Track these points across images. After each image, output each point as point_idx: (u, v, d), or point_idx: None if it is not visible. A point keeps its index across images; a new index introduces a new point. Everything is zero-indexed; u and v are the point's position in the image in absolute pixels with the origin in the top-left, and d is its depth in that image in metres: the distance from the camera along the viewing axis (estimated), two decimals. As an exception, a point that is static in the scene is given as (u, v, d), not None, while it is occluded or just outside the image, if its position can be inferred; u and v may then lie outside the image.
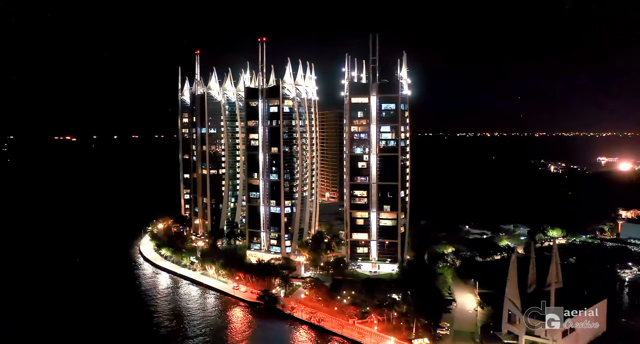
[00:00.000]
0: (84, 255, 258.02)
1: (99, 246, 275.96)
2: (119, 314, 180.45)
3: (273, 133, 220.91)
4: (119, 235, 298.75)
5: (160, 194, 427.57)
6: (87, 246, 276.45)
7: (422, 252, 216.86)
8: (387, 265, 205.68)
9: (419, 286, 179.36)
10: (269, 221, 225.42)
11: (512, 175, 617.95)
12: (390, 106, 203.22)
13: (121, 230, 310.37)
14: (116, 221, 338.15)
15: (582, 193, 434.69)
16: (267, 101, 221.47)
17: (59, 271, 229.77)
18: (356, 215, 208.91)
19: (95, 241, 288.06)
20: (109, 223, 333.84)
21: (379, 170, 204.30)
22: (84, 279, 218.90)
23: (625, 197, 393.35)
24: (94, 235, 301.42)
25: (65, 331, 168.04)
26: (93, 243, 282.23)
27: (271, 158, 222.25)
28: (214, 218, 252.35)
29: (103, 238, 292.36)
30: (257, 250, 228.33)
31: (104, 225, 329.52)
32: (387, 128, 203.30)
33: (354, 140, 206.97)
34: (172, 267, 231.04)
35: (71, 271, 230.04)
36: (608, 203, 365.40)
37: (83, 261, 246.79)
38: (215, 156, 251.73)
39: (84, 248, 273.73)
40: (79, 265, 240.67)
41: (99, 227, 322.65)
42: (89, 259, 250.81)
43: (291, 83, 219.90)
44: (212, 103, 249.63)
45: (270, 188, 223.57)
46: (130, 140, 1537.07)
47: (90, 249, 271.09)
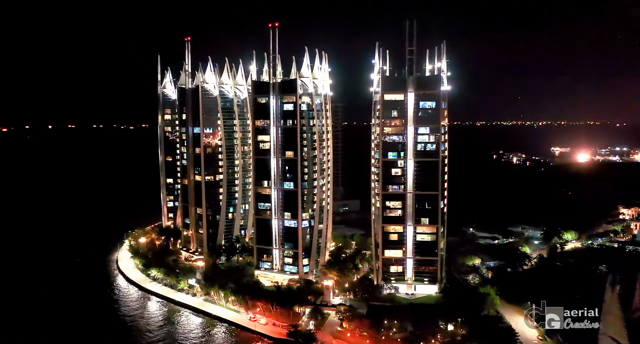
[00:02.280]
0: (47, 274, 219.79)
1: (64, 263, 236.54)
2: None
3: (288, 134, 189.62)
4: (87, 248, 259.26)
5: (132, 197, 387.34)
6: (49, 262, 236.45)
7: (449, 266, 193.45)
8: (425, 285, 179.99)
9: (470, 312, 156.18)
10: (283, 236, 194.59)
11: (479, 168, 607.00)
12: (429, 104, 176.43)
13: (88, 242, 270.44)
14: (79, 230, 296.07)
15: (568, 189, 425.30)
16: (280, 97, 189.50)
17: (16, 299, 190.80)
18: (389, 229, 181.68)
19: (58, 255, 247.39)
20: (69, 232, 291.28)
21: (416, 177, 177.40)
22: (50, 308, 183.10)
23: (613, 193, 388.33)
24: (54, 247, 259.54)
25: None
26: (55, 259, 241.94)
27: (285, 164, 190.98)
28: (210, 231, 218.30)
29: (67, 252, 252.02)
30: (268, 270, 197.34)
31: (64, 234, 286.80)
32: (426, 129, 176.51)
33: (386, 143, 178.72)
34: (164, 291, 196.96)
35: (33, 298, 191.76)
36: (601, 200, 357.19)
37: (46, 282, 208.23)
38: (211, 160, 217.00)
39: (44, 264, 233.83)
40: (40, 289, 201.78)
41: (59, 237, 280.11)
42: (54, 279, 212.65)
43: (309, 76, 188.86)
44: (207, 98, 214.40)
45: (285, 198, 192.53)
46: (67, 131, 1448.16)
47: (53, 266, 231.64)
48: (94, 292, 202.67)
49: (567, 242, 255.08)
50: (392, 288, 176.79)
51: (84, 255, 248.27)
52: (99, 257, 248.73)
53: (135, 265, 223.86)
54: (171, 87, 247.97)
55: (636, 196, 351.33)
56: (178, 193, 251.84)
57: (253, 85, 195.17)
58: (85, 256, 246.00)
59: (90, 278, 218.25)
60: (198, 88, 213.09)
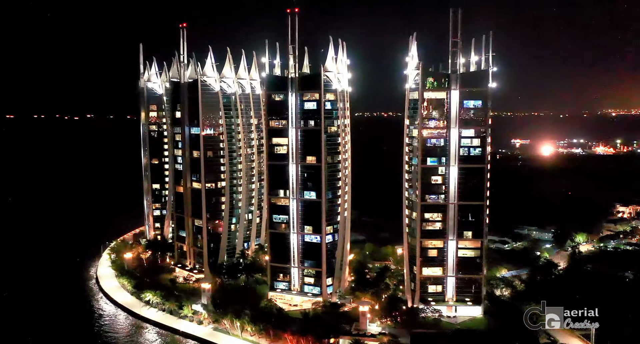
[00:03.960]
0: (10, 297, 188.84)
1: (30, 282, 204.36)
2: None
3: (309, 137, 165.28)
4: (57, 262, 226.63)
5: (105, 199, 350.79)
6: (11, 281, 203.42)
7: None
8: (467, 307, 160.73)
9: (527, 339, 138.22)
10: (303, 253, 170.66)
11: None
12: (475, 103, 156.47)
13: (57, 254, 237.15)
14: (43, 238, 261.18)
15: (546, 184, 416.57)
16: (300, 94, 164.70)
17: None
18: (427, 244, 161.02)
19: (22, 272, 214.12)
20: (30, 241, 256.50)
21: (460, 186, 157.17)
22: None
23: (598, 188, 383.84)
24: (15, 261, 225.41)
25: None
26: (18, 277, 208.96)
27: (306, 171, 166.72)
28: (211, 245, 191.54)
29: (32, 268, 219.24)
30: (285, 291, 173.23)
31: (25, 244, 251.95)
32: (471, 131, 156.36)
33: (426, 147, 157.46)
34: (163, 319, 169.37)
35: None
36: (593, 197, 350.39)
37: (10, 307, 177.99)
38: (212, 165, 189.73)
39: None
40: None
41: (18, 248, 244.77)
42: (20, 304, 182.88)
43: (333, 70, 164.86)
44: (207, 94, 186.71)
45: (305, 210, 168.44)
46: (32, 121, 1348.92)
47: (16, 286, 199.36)
48: (75, 320, 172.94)
49: (579, 245, 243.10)
50: (433, 310, 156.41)
51: (53, 271, 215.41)
52: (73, 274, 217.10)
53: (122, 286, 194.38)
54: (157, 80, 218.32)
55: (620, 191, 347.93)
56: (165, 200, 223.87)
57: (268, 80, 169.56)
58: (56, 274, 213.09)
59: (66, 302, 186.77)
60: (197, 82, 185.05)
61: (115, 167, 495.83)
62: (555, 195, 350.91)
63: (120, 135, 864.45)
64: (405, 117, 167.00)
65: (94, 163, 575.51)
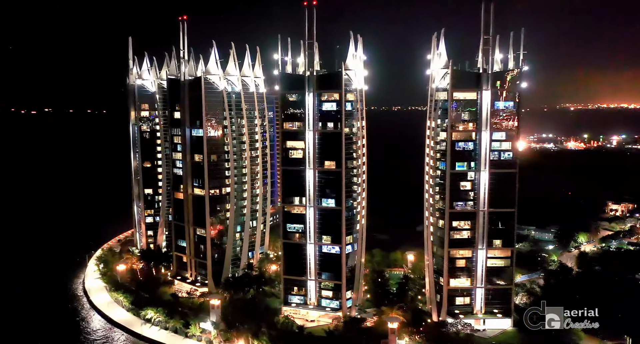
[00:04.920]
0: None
1: (11, 291, 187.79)
2: None
3: (328, 140, 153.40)
4: (36, 271, 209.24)
5: (85, 201, 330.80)
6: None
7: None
8: (496, 319, 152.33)
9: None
10: (320, 264, 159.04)
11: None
12: (505, 104, 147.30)
13: (35, 261, 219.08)
14: (18, 243, 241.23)
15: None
16: (317, 94, 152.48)
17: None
18: (455, 254, 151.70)
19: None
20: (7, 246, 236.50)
21: (490, 192, 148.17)
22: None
23: (588, 186, 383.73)
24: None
25: None
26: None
27: (324, 177, 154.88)
28: (215, 256, 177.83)
29: (11, 276, 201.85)
30: (301, 306, 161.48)
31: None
32: (501, 134, 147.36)
33: (455, 151, 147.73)
34: (168, 339, 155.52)
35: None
36: (581, 194, 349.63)
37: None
38: (217, 169, 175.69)
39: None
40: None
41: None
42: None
43: (353, 68, 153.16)
44: (211, 93, 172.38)
45: (323, 218, 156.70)
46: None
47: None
48: (65, 341, 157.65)
49: (581, 245, 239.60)
50: (462, 324, 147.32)
51: (34, 283, 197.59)
52: (57, 288, 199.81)
53: (116, 301, 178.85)
54: (150, 77, 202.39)
55: (608, 188, 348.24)
56: (159, 206, 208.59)
57: (283, 79, 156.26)
58: (37, 286, 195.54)
59: (53, 320, 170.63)
60: (200, 80, 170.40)
61: (96, 167, 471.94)
62: (547, 194, 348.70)
63: (100, 132, 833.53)
64: (428, 118, 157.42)
65: (72, 162, 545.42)
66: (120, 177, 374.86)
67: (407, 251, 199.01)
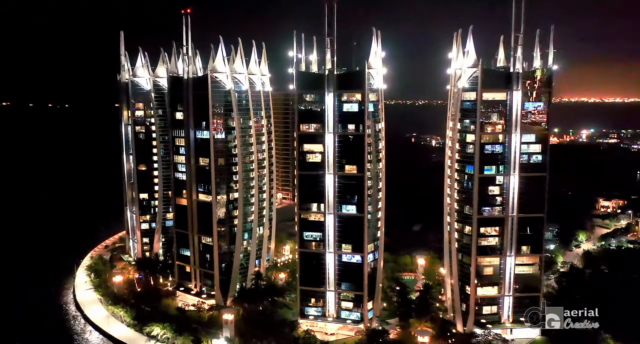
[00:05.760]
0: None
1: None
2: None
3: (349, 143, 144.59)
4: (20, 281, 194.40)
5: (68, 203, 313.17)
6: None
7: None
8: (524, 328, 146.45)
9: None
10: (340, 275, 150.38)
11: (411, 153, 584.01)
12: (536, 105, 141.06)
13: (18, 270, 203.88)
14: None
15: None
16: (337, 94, 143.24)
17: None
18: (482, 261, 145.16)
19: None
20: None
21: (520, 196, 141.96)
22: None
23: (575, 182, 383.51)
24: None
25: None
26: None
27: (345, 182, 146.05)
28: (222, 266, 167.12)
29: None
30: (319, 318, 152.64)
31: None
32: (531, 136, 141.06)
33: (484, 154, 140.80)
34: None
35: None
36: (569, 191, 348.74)
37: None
38: (223, 174, 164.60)
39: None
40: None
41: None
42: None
43: (376, 66, 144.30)
44: (218, 92, 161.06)
45: (343, 226, 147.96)
46: None
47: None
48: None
49: (581, 244, 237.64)
50: (495, 336, 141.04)
51: (20, 296, 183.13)
52: (45, 298, 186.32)
53: (114, 315, 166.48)
54: (145, 73, 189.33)
55: (595, 184, 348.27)
56: (155, 212, 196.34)
57: (300, 78, 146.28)
58: (22, 296, 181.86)
59: (46, 334, 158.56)
60: (206, 78, 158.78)
61: (77, 167, 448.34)
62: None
63: (63, 128, 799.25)
64: (451, 119, 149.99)
65: (51, 160, 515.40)
66: (102, 179, 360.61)
67: (418, 255, 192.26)
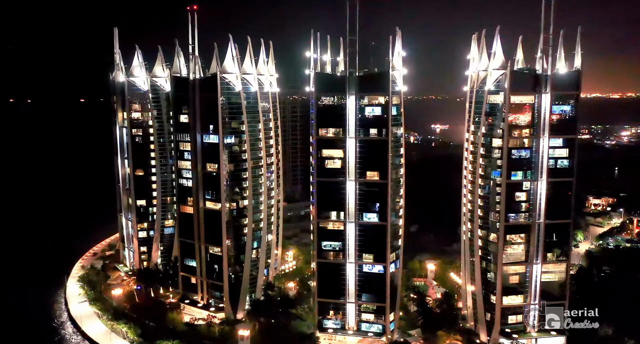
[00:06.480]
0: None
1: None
2: None
3: (372, 149, 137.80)
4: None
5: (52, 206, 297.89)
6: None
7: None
8: (549, 337, 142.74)
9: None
10: (360, 285, 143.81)
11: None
12: (564, 109, 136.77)
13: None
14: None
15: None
16: (359, 97, 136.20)
17: None
18: (508, 270, 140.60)
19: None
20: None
21: (548, 202, 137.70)
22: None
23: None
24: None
25: None
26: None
27: (366, 189, 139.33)
28: (232, 277, 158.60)
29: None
30: (338, 331, 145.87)
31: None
32: (559, 141, 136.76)
33: (511, 159, 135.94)
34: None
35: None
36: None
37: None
38: (233, 181, 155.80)
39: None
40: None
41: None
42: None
43: (399, 68, 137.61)
44: (228, 94, 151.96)
45: (364, 235, 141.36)
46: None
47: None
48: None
49: (579, 243, 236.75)
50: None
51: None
52: (36, 311, 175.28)
53: (116, 330, 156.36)
54: (142, 73, 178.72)
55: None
56: (153, 219, 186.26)
57: (318, 79, 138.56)
58: (10, 311, 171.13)
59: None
60: (215, 79, 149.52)
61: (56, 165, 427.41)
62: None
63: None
64: (473, 123, 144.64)
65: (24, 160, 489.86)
66: (85, 182, 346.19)
67: (427, 260, 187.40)
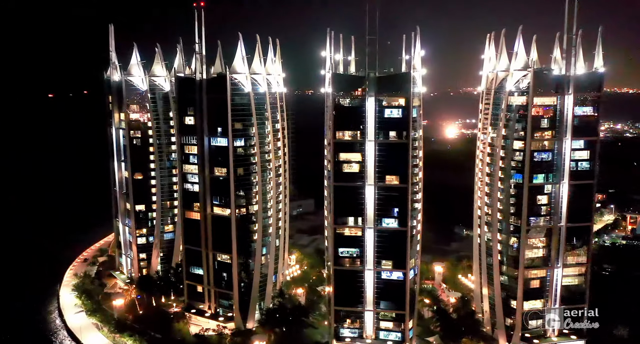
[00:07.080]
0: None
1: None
2: None
3: (391, 152, 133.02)
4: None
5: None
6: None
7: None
8: (570, 342, 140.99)
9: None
10: (378, 293, 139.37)
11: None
12: (586, 110, 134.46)
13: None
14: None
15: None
16: (379, 98, 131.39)
17: None
18: (529, 274, 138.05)
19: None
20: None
21: (569, 205, 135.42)
22: None
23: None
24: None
25: None
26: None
27: (386, 193, 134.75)
28: (241, 286, 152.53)
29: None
30: (356, 340, 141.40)
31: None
32: (580, 143, 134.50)
33: (534, 162, 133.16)
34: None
35: None
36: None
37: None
38: (242, 185, 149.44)
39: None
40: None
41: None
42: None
43: (419, 68, 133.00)
44: (237, 95, 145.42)
45: (383, 241, 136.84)
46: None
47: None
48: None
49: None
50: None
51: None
52: (29, 322, 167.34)
53: (119, 343, 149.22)
54: (140, 72, 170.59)
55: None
56: (152, 225, 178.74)
57: (337, 80, 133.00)
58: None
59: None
60: (224, 79, 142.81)
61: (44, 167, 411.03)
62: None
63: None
64: (491, 124, 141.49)
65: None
66: (76, 178, 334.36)
67: (434, 263, 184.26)
